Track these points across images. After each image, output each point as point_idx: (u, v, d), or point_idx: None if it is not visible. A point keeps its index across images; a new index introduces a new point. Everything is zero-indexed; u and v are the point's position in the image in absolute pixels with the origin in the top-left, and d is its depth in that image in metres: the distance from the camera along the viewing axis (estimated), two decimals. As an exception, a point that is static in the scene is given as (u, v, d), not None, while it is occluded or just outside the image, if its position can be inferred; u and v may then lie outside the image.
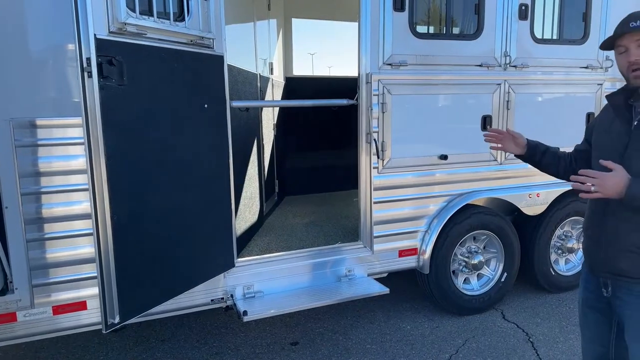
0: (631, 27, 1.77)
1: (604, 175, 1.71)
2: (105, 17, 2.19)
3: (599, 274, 1.98)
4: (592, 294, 2.07)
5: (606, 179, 1.70)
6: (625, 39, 1.81)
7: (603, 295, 1.99)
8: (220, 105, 2.89)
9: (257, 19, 4.52)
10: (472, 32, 3.63)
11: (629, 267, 1.84)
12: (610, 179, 1.70)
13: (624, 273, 1.86)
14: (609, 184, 1.69)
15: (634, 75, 1.81)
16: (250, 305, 3.06)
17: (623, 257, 1.85)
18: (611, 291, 1.95)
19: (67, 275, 2.69)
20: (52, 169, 2.57)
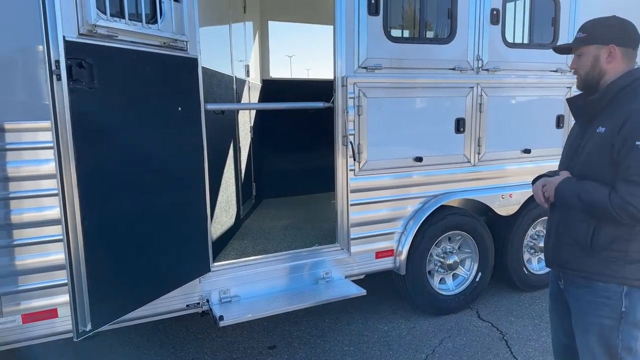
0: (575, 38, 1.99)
1: (548, 181, 1.96)
2: (75, 19, 2.15)
3: (551, 266, 2.11)
4: (554, 286, 2.18)
5: (549, 185, 1.94)
6: (573, 48, 2.01)
7: (560, 287, 2.10)
8: (194, 108, 2.87)
9: (232, 22, 4.50)
10: (446, 36, 3.69)
11: (569, 258, 1.96)
12: (550, 184, 1.93)
13: (566, 265, 1.99)
14: (550, 188, 1.93)
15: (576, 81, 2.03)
16: (227, 310, 3.04)
17: (564, 249, 1.98)
18: (563, 283, 2.06)
19: (37, 283, 2.63)
20: (21, 173, 2.51)
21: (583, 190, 1.83)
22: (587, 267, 1.90)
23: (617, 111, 1.82)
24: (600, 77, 1.90)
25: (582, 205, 1.84)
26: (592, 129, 1.91)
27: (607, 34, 1.89)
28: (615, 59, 1.88)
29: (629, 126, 1.74)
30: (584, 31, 1.94)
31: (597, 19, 1.96)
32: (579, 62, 1.95)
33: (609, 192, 1.76)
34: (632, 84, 1.85)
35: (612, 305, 1.86)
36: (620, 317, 1.86)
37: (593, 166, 1.86)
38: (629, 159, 1.73)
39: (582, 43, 1.92)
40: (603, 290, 1.87)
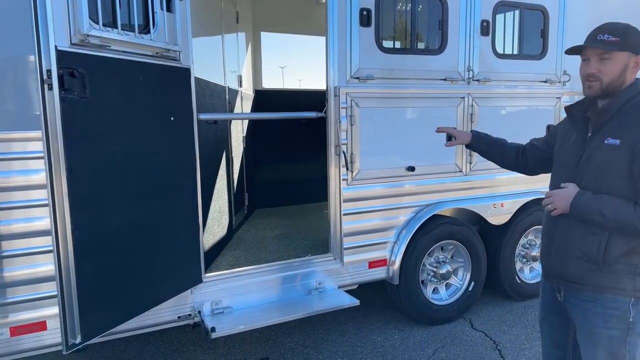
0: (598, 39, 1.83)
1: (555, 193, 1.90)
2: (67, 29, 2.15)
3: (551, 279, 2.06)
4: (549, 298, 2.13)
5: (557, 196, 1.88)
6: (589, 50, 1.86)
7: (558, 299, 2.06)
8: (186, 118, 2.86)
9: (225, 32, 4.51)
10: (437, 47, 3.72)
11: (575, 273, 1.91)
12: (560, 195, 1.87)
13: (572, 279, 1.93)
14: (560, 201, 1.87)
15: (587, 85, 1.88)
16: (219, 321, 3.01)
17: (570, 263, 1.92)
18: (564, 296, 2.02)
19: (25, 295, 2.58)
20: (11, 184, 2.48)
21: (605, 205, 1.77)
22: (597, 281, 1.86)
23: (631, 122, 1.78)
24: (621, 86, 1.84)
25: (605, 221, 1.78)
26: (597, 139, 1.85)
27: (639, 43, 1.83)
28: (637, 70, 1.85)
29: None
30: (614, 35, 1.81)
31: (624, 24, 1.86)
32: (602, 67, 1.82)
33: (635, 208, 1.73)
34: (638, 95, 1.83)
35: (620, 317, 1.84)
36: (629, 328, 1.84)
37: (605, 179, 1.81)
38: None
39: (615, 48, 1.80)
40: (611, 302, 1.85)
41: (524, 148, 2.35)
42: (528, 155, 2.31)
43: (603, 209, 1.77)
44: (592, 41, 1.85)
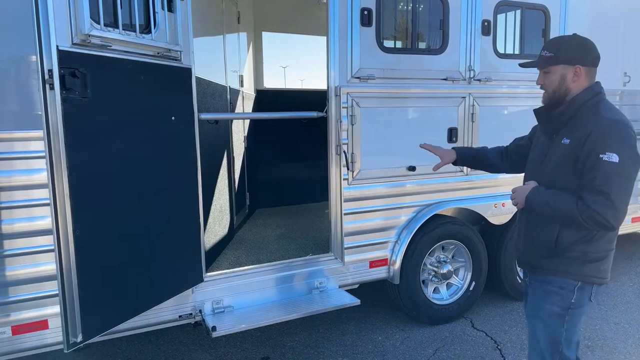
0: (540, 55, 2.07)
1: (517, 190, 2.10)
2: (69, 29, 2.15)
3: (522, 267, 2.29)
4: (525, 285, 2.33)
5: (518, 192, 2.09)
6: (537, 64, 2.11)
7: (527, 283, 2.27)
8: (188, 118, 2.87)
9: (226, 32, 4.52)
10: (438, 47, 3.73)
11: (536, 259, 2.12)
12: (520, 191, 2.08)
13: (535, 265, 2.14)
14: (520, 196, 2.07)
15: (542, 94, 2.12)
16: (220, 320, 3.02)
17: (532, 251, 2.14)
18: (528, 280, 2.24)
19: (27, 294, 2.60)
20: (13, 183, 2.49)
21: (552, 199, 1.96)
22: (552, 266, 2.06)
23: (580, 124, 1.95)
24: (566, 95, 2.02)
25: (551, 212, 1.97)
26: (557, 140, 2.03)
27: (573, 55, 2.00)
28: (580, 78, 2.00)
29: (592, 140, 1.87)
30: (550, 50, 2.03)
31: (561, 39, 2.12)
32: (545, 79, 2.06)
33: (576, 201, 1.88)
34: (592, 98, 1.99)
35: (564, 296, 2.03)
36: (569, 308, 2.03)
37: (559, 176, 2.00)
38: (593, 170, 1.85)
39: (549, 63, 2.02)
40: (559, 282, 2.04)
41: (507, 148, 2.53)
42: (512, 154, 2.47)
43: (550, 202, 1.96)
44: (537, 57, 2.10)
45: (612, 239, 2.03)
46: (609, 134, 1.86)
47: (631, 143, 1.87)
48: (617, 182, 1.82)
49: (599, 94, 2.01)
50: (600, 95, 2.01)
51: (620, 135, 1.87)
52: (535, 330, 2.13)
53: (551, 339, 2.07)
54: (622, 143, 1.85)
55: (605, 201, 1.81)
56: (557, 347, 2.06)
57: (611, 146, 1.83)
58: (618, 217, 1.83)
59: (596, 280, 2.02)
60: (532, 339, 2.17)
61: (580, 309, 2.05)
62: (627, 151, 1.84)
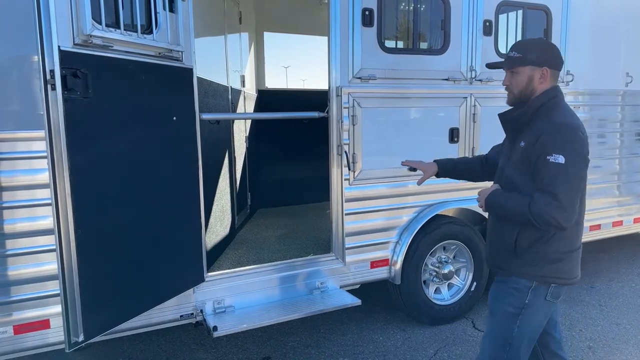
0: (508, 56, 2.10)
1: (481, 192, 2.15)
2: (70, 29, 2.16)
3: (489, 267, 2.32)
4: None
5: (480, 195, 2.14)
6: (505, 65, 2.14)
7: None
8: (189, 118, 2.88)
9: (228, 32, 4.53)
10: (439, 47, 3.72)
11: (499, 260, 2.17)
12: (482, 193, 2.13)
13: (499, 266, 2.19)
14: (481, 197, 2.13)
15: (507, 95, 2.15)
16: (221, 320, 3.02)
17: (496, 252, 2.19)
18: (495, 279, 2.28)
19: (29, 293, 2.61)
20: (15, 183, 2.50)
21: (507, 201, 2.03)
22: (512, 267, 2.10)
23: (534, 127, 2.00)
24: (532, 95, 2.05)
25: (507, 214, 2.04)
26: (517, 143, 2.08)
27: (541, 56, 2.04)
28: (546, 80, 2.04)
29: (541, 142, 1.92)
30: (518, 51, 2.06)
31: (529, 41, 2.18)
32: (512, 80, 2.09)
33: (529, 202, 1.92)
34: (549, 101, 2.02)
35: (518, 297, 2.08)
36: (522, 308, 2.08)
37: (517, 178, 2.05)
38: (542, 172, 1.91)
39: (518, 63, 2.05)
40: (515, 283, 2.09)
41: (486, 156, 2.55)
42: (491, 162, 2.48)
43: (505, 203, 2.03)
44: (505, 58, 2.12)
45: (572, 240, 2.05)
46: (556, 136, 1.91)
47: (578, 144, 1.92)
48: (564, 182, 1.87)
49: (554, 97, 2.03)
50: (555, 99, 2.04)
51: (567, 137, 1.91)
52: (491, 324, 2.20)
53: (503, 337, 2.13)
54: (568, 144, 1.89)
55: (552, 201, 1.86)
56: (507, 342, 2.12)
57: (558, 148, 1.88)
58: (566, 217, 1.88)
59: (557, 281, 2.06)
60: (486, 335, 2.23)
61: (535, 309, 2.09)
62: (573, 152, 1.89)
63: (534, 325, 2.12)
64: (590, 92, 4.49)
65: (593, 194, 4.64)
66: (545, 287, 2.06)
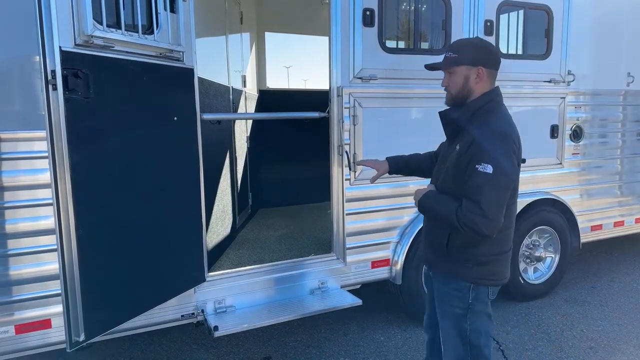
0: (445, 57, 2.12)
1: (416, 192, 2.21)
2: (71, 29, 2.16)
3: (423, 261, 2.41)
4: (427, 276, 2.46)
5: (416, 195, 2.20)
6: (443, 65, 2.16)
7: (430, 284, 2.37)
8: (190, 118, 2.88)
9: (229, 32, 4.53)
10: (440, 47, 3.72)
11: (434, 258, 2.24)
12: (416, 193, 2.20)
13: (432, 263, 2.27)
14: (415, 197, 2.20)
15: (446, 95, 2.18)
16: (222, 320, 3.02)
17: (431, 250, 2.25)
18: (432, 280, 2.33)
19: (31, 293, 2.61)
20: (17, 183, 2.51)
21: (437, 204, 2.09)
22: (446, 265, 2.16)
23: (470, 132, 2.00)
24: (469, 96, 2.07)
25: (436, 216, 2.12)
26: (453, 145, 2.11)
27: (475, 56, 2.05)
28: (482, 79, 2.05)
29: (472, 149, 1.94)
30: (453, 51, 2.08)
31: (465, 40, 2.19)
32: (450, 80, 2.11)
33: (456, 208, 1.96)
34: (487, 104, 2.04)
35: (462, 298, 2.13)
36: (468, 308, 2.13)
37: (449, 180, 2.08)
38: (471, 179, 1.93)
39: (453, 63, 2.06)
40: (455, 284, 2.14)
41: (436, 153, 2.53)
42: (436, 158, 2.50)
43: (435, 206, 2.10)
44: (442, 59, 2.13)
45: (502, 243, 2.09)
46: (487, 144, 1.91)
47: (507, 154, 1.92)
48: (489, 192, 1.89)
49: (492, 100, 2.05)
50: (493, 102, 2.05)
51: (498, 147, 1.92)
52: (444, 326, 2.24)
53: (459, 335, 2.18)
54: (498, 154, 1.90)
55: (476, 209, 1.89)
56: (465, 340, 2.17)
57: (487, 157, 1.89)
58: (489, 226, 1.90)
59: (488, 283, 2.11)
60: (443, 334, 2.27)
61: (480, 306, 2.14)
62: (502, 163, 1.89)
63: (485, 319, 2.18)
64: (592, 92, 4.48)
65: (594, 194, 4.64)
66: (485, 288, 2.12)
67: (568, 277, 4.71)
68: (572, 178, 4.46)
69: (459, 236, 2.05)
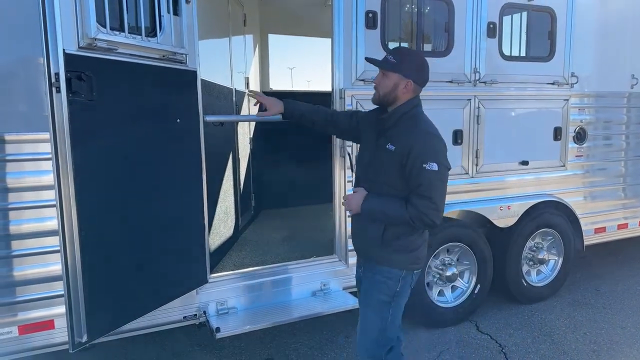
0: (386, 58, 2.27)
1: (349, 197, 2.34)
2: (75, 32, 2.17)
3: (358, 254, 2.54)
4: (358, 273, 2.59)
5: (351, 200, 2.32)
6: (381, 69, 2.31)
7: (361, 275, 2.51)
8: (193, 120, 2.89)
9: (232, 34, 4.55)
10: (443, 49, 3.72)
11: (367, 248, 2.39)
12: (353, 199, 2.31)
13: (367, 254, 2.41)
14: (353, 203, 2.31)
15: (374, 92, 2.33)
16: (224, 321, 3.04)
17: (364, 242, 2.40)
18: (362, 271, 2.48)
19: (34, 294, 2.64)
20: (22, 184, 2.53)
21: (385, 206, 2.23)
22: (380, 254, 2.32)
23: (403, 134, 2.21)
24: (394, 101, 2.27)
25: (386, 218, 2.24)
26: (381, 144, 2.26)
27: (410, 69, 2.23)
28: (408, 91, 2.26)
29: (415, 151, 2.14)
30: (395, 57, 2.24)
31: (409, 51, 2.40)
32: (382, 81, 2.28)
33: (406, 206, 2.15)
34: (411, 110, 2.26)
35: (390, 286, 2.32)
36: (394, 296, 2.33)
37: (386, 177, 2.24)
38: (419, 178, 2.13)
39: (390, 68, 2.23)
40: (387, 273, 2.31)
41: (334, 115, 2.71)
42: (337, 123, 2.68)
43: (384, 209, 2.23)
44: (382, 59, 2.29)
45: (425, 232, 2.37)
46: (428, 146, 2.17)
47: (444, 153, 2.21)
48: (438, 187, 2.15)
49: (416, 106, 2.29)
50: (417, 108, 2.29)
51: (437, 147, 2.19)
52: (366, 316, 2.42)
53: (379, 324, 2.36)
54: (438, 154, 2.17)
55: (430, 204, 2.13)
56: (383, 331, 2.36)
57: (431, 157, 2.13)
58: (439, 216, 2.17)
59: (416, 267, 2.36)
60: (362, 324, 2.45)
61: (403, 296, 2.37)
62: (442, 160, 2.16)
63: (400, 311, 2.42)
64: (595, 94, 4.47)
65: (598, 196, 4.63)
66: (410, 274, 2.35)
67: (572, 280, 4.70)
68: (576, 180, 4.45)
69: (393, 227, 2.26)
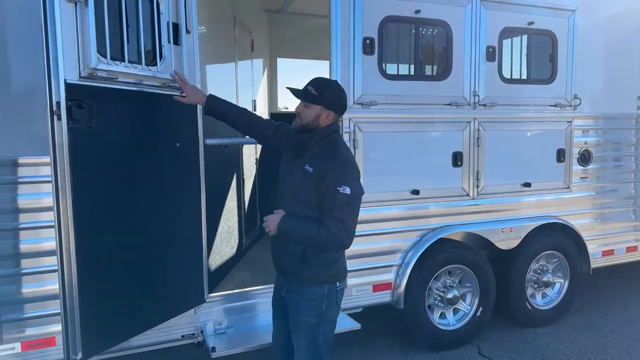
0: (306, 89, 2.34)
1: (268, 218, 2.37)
2: (76, 63, 2.29)
3: (278, 272, 2.55)
4: (277, 292, 2.60)
5: (270, 221, 2.36)
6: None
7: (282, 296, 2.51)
8: (192, 144, 2.98)
9: (239, 59, 4.68)
10: (441, 73, 3.77)
11: (288, 266, 2.42)
12: (271, 220, 2.35)
13: (288, 272, 2.44)
14: (271, 224, 2.35)
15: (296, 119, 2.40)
16: (220, 341, 3.08)
17: (285, 260, 2.44)
18: (285, 292, 2.49)
19: (36, 311, 2.71)
20: (25, 206, 2.64)
21: (299, 228, 2.30)
22: (302, 273, 2.36)
23: (320, 156, 2.30)
24: (317, 127, 2.36)
25: (300, 238, 2.31)
26: (300, 164, 2.34)
27: (332, 101, 2.34)
28: (329, 119, 2.37)
29: (330, 176, 2.22)
30: (316, 89, 2.32)
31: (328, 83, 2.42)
32: (304, 111, 2.36)
33: (319, 228, 2.22)
34: (330, 135, 2.36)
35: (316, 307, 2.35)
36: (322, 316, 2.36)
37: (301, 194, 2.32)
38: (332, 200, 2.21)
39: (312, 101, 2.32)
40: (311, 294, 2.35)
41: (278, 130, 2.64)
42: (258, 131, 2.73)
43: (298, 230, 2.30)
44: (302, 90, 2.36)
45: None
46: (343, 170, 2.26)
47: (358, 178, 2.32)
48: (349, 209, 2.25)
49: (335, 131, 2.41)
50: (336, 133, 2.42)
51: (351, 172, 2.30)
52: (298, 340, 2.42)
53: (311, 346, 2.38)
54: (352, 178, 2.27)
55: (341, 226, 2.21)
56: (316, 352, 2.38)
57: (345, 180, 2.22)
58: (350, 237, 2.27)
59: (339, 278, 2.41)
60: (296, 347, 2.44)
61: (331, 313, 2.40)
62: (355, 185, 2.26)
63: (332, 329, 2.46)
64: (600, 115, 4.45)
65: (607, 218, 4.56)
66: (334, 289, 2.38)
67: (580, 303, 4.60)
68: (581, 202, 4.40)
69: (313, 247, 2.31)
